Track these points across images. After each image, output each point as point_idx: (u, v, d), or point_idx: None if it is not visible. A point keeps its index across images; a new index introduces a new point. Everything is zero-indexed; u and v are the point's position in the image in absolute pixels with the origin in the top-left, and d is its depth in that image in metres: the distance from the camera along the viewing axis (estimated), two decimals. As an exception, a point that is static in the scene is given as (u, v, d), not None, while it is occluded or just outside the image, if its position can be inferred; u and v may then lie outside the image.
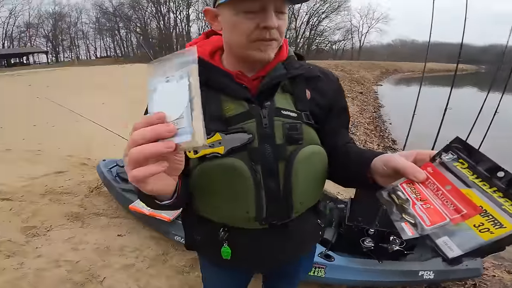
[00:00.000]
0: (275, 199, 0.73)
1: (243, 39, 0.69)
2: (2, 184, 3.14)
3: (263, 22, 0.66)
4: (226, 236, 0.78)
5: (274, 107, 0.72)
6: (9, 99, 8.23)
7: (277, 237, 0.80)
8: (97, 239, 2.31)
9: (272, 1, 0.66)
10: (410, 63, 38.52)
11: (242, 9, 0.67)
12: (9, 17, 41.90)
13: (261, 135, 0.70)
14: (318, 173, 0.77)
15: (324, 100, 0.79)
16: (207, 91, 0.70)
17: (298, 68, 0.77)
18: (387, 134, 6.70)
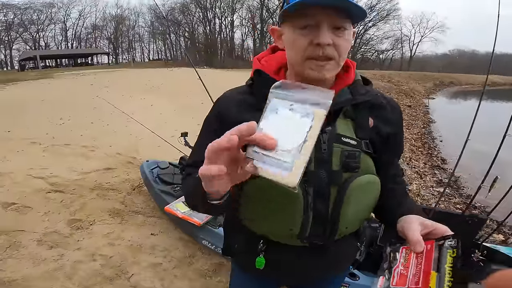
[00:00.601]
0: (322, 221, 0.74)
1: (299, 57, 0.70)
2: (57, 176, 3.49)
3: (316, 39, 0.66)
4: (265, 248, 0.80)
5: (335, 133, 0.72)
6: (73, 97, 9.10)
7: (314, 256, 0.81)
8: (132, 236, 2.45)
9: (326, 16, 0.65)
10: (468, 75, 35.71)
11: (298, 26, 0.68)
12: (78, 18, 45.92)
13: (318, 159, 0.71)
14: (369, 202, 0.77)
15: (386, 129, 0.78)
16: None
17: (364, 95, 0.75)
18: (436, 152, 6.24)
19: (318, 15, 0.65)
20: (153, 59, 52.28)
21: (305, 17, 0.66)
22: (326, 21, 0.66)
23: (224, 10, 43.72)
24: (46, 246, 2.27)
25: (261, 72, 0.78)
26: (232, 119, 0.74)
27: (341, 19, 0.66)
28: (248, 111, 0.75)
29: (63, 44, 45.28)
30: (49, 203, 2.89)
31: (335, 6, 0.64)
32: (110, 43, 48.75)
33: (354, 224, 0.79)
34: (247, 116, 0.72)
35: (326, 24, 0.66)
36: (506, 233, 3.00)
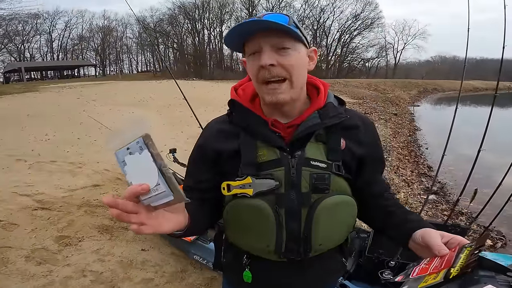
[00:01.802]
0: (295, 239, 0.78)
1: (255, 82, 0.76)
2: (43, 193, 3.42)
3: (258, 62, 0.71)
4: (249, 262, 0.84)
5: (304, 157, 0.76)
6: (59, 111, 8.95)
7: (297, 271, 0.84)
8: (122, 252, 2.43)
9: (268, 39, 0.70)
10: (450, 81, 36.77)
11: (248, 53, 0.74)
12: (64, 29, 45.20)
13: (287, 182, 0.75)
14: (342, 220, 0.81)
15: (360, 150, 0.81)
16: (245, 135, 0.79)
17: (333, 117, 0.78)
18: (422, 160, 6.38)
19: (259, 39, 0.70)
20: (142, 71, 52.05)
21: (251, 44, 0.72)
22: (268, 43, 0.70)
23: (213, 21, 44.10)
24: (35, 262, 2.23)
25: (235, 102, 0.83)
26: (211, 149, 0.81)
27: (282, 39, 0.71)
28: (227, 140, 0.81)
29: (49, 55, 44.66)
30: (36, 220, 2.83)
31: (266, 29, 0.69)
32: (97, 54, 48.27)
33: (329, 241, 0.83)
34: (225, 145, 0.80)
35: (267, 46, 0.70)
36: (494, 238, 3.07)
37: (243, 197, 0.75)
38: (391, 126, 9.56)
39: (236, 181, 0.75)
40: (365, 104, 14.16)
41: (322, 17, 45.03)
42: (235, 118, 0.82)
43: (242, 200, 0.76)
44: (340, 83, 22.86)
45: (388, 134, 8.27)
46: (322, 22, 45.06)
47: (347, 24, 45.23)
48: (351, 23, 45.20)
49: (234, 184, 0.76)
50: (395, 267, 1.62)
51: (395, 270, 1.62)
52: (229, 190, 0.76)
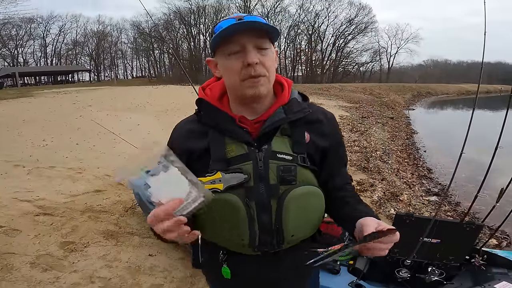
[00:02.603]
0: (267, 231, 0.81)
1: (236, 79, 0.78)
2: (45, 199, 3.37)
3: (245, 60, 0.75)
4: (226, 258, 0.86)
5: (271, 150, 0.80)
6: (56, 117, 8.86)
7: (270, 263, 0.87)
8: (129, 257, 2.39)
9: (250, 40, 0.75)
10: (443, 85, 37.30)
11: (228, 52, 0.77)
12: (58, 34, 44.90)
13: (256, 175, 0.79)
14: (311, 211, 0.84)
15: (323, 143, 0.85)
16: (214, 133, 0.82)
17: (297, 112, 0.83)
18: (421, 162, 6.41)
19: (242, 39, 0.75)
20: (137, 76, 51.86)
21: (232, 44, 0.76)
22: (251, 43, 0.75)
23: (208, 27, 44.14)
24: (40, 269, 2.19)
25: (202, 101, 0.86)
26: (182, 150, 0.82)
27: (262, 40, 0.77)
28: (196, 139, 0.84)
29: (42, 60, 44.37)
30: (38, 226, 2.78)
31: (254, 29, 0.75)
32: (91, 59, 48.01)
33: (300, 232, 0.85)
34: (195, 144, 0.83)
35: (251, 45, 0.75)
36: (499, 237, 3.11)
37: (214, 192, 0.76)
38: (388, 130, 9.62)
39: (206, 177, 0.78)
40: (362, 108, 14.25)
41: (316, 22, 45.48)
42: (203, 117, 0.85)
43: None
44: (335, 87, 23.02)
45: (386, 138, 8.32)
46: (317, 27, 45.50)
47: (341, 28, 45.80)
48: (345, 28, 45.78)
49: (204, 180, 0.77)
50: (411, 266, 1.62)
51: (411, 268, 1.61)
52: None
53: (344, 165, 0.95)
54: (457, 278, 1.65)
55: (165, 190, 0.58)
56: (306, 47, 46.56)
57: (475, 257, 1.61)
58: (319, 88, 21.54)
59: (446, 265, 1.60)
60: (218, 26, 0.77)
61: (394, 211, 3.65)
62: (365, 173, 5.03)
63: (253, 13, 31.65)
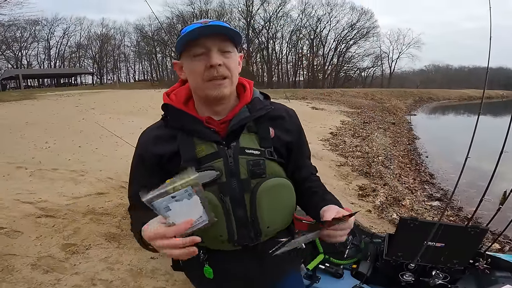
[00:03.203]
0: (243, 224, 0.85)
1: (199, 80, 0.82)
2: (47, 201, 3.37)
3: (209, 61, 0.79)
4: (206, 257, 0.89)
5: (239, 147, 0.84)
6: (58, 119, 8.89)
7: (251, 258, 0.90)
8: (131, 260, 2.38)
9: (214, 43, 0.79)
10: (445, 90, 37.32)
11: (193, 54, 0.81)
12: (62, 36, 45.26)
13: (227, 171, 0.83)
14: (282, 202, 0.89)
15: (287, 137, 0.91)
16: (182, 135, 0.85)
17: (260, 109, 0.88)
18: (423, 168, 6.44)
19: (207, 42, 0.79)
20: (139, 80, 52.04)
21: (197, 46, 0.80)
22: (215, 47, 0.80)
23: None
24: (41, 270, 2.18)
25: (168, 106, 0.89)
26: (150, 155, 0.87)
27: (225, 44, 0.81)
28: (165, 143, 0.87)
29: (46, 63, 44.59)
30: (40, 228, 2.78)
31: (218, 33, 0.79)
32: (94, 62, 48.31)
33: (275, 223, 0.89)
34: (164, 148, 0.86)
35: (215, 48, 0.80)
36: (501, 241, 3.11)
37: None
38: (390, 135, 9.62)
39: None
40: (363, 113, 14.27)
41: (318, 26, 45.93)
42: (170, 121, 0.88)
43: None
44: (337, 92, 23.06)
45: (388, 143, 8.31)
46: (319, 31, 45.81)
47: (343, 33, 46.15)
48: (347, 33, 46.11)
49: None
50: (415, 270, 1.61)
51: (415, 272, 1.61)
52: None
53: (308, 158, 1.02)
54: (461, 281, 1.65)
55: (183, 214, 0.64)
56: (308, 52, 46.85)
57: (479, 261, 1.60)
58: (321, 93, 21.60)
59: (450, 268, 1.59)
60: (184, 30, 0.80)
61: (396, 216, 3.64)
62: (367, 178, 5.02)
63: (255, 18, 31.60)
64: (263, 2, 43.06)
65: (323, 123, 9.91)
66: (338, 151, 6.70)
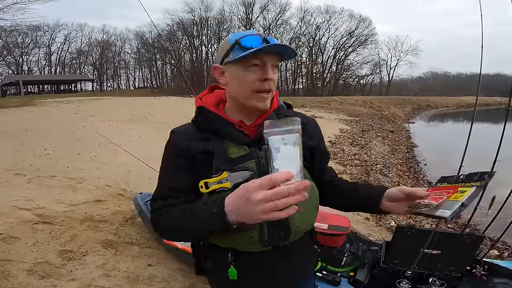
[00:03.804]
0: (274, 224, 0.84)
1: (247, 90, 0.85)
2: (44, 208, 3.37)
3: (264, 75, 0.83)
4: (233, 258, 0.88)
5: None
6: (58, 126, 8.89)
7: (279, 258, 0.90)
8: (128, 267, 2.37)
9: (270, 57, 0.83)
10: (443, 98, 37.47)
11: (247, 65, 0.83)
12: (63, 42, 45.03)
13: (260, 172, 0.84)
14: (311, 202, 0.91)
15: (311, 143, 0.96)
16: (215, 138, 0.88)
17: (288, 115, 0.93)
18: (422, 175, 6.40)
19: (264, 56, 0.83)
20: (139, 87, 52.10)
21: (255, 59, 0.82)
22: (271, 61, 0.84)
23: (211, 38, 44.78)
24: (37, 276, 2.18)
25: (202, 108, 0.92)
26: (187, 150, 0.87)
27: (277, 60, 0.86)
28: (199, 143, 0.88)
29: (47, 69, 44.48)
30: (37, 234, 2.78)
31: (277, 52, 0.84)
32: (95, 69, 48.16)
33: (304, 223, 0.91)
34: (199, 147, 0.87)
35: (270, 64, 0.84)
36: (500, 248, 3.10)
37: (222, 192, 0.81)
38: (388, 143, 9.63)
39: (213, 177, 0.82)
40: (362, 121, 14.31)
41: (317, 34, 46.02)
42: (202, 123, 0.90)
43: (221, 194, 0.81)
44: (336, 100, 23.16)
45: (387, 151, 8.32)
46: (318, 39, 46.01)
47: (342, 41, 46.18)
48: (345, 40, 46.17)
49: (211, 181, 0.82)
50: (412, 277, 1.61)
51: (412, 280, 1.61)
52: (207, 187, 0.82)
53: (328, 161, 1.08)
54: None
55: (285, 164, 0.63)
56: (307, 60, 47.13)
57: (476, 268, 1.60)
58: (320, 101, 21.69)
59: (447, 275, 1.59)
60: (245, 40, 0.82)
61: (394, 223, 3.63)
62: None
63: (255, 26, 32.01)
64: (263, 10, 43.53)
65: (322, 131, 9.76)
66: (336, 159, 6.71)
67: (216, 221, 0.72)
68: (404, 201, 0.86)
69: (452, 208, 0.71)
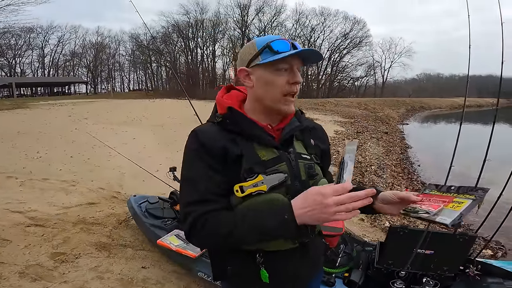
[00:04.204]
0: None
1: (277, 93, 0.86)
2: (37, 210, 3.33)
3: (294, 78, 0.86)
4: (262, 260, 0.88)
5: (296, 152, 0.92)
6: (51, 129, 8.81)
7: (302, 255, 0.93)
8: (122, 269, 2.35)
9: (297, 61, 0.86)
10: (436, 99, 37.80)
11: (275, 68, 0.85)
12: (57, 44, 44.12)
13: (292, 174, 0.87)
14: None
15: (323, 146, 1.03)
16: (242, 140, 0.87)
17: (306, 121, 0.99)
18: (415, 176, 6.47)
19: (292, 60, 0.85)
20: (134, 89, 51.70)
21: (284, 62, 0.84)
22: (297, 66, 0.87)
23: (206, 40, 44.60)
24: (29, 279, 2.15)
25: (232, 109, 0.90)
26: (218, 149, 0.84)
27: (302, 63, 0.89)
28: (228, 143, 0.86)
29: (40, 71, 43.81)
30: (29, 237, 2.74)
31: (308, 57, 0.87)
32: (89, 71, 47.48)
33: None
34: (229, 146, 0.85)
35: (296, 67, 0.86)
36: (494, 247, 3.13)
37: (258, 195, 0.81)
38: (383, 145, 9.69)
39: (248, 181, 0.81)
40: (357, 123, 14.39)
41: (312, 36, 46.21)
42: (230, 124, 0.89)
43: (257, 197, 0.81)
44: (331, 102, 23.27)
45: (381, 152, 8.37)
46: (313, 41, 46.19)
47: (336, 43, 46.36)
48: (340, 42, 46.34)
49: (246, 185, 0.81)
50: (406, 277, 1.62)
51: (406, 280, 1.61)
52: (242, 191, 0.81)
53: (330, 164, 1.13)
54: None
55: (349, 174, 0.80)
56: (302, 62, 47.21)
57: (469, 267, 1.61)
58: (315, 103, 21.79)
59: (440, 275, 1.60)
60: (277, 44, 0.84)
61: (388, 224, 3.65)
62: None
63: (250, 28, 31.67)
64: (258, 12, 43.54)
65: (317, 132, 9.91)
66: (331, 161, 6.73)
67: (289, 227, 0.75)
68: (398, 204, 0.88)
69: (451, 216, 0.75)
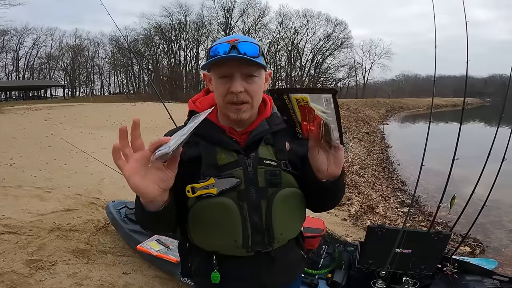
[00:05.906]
0: (258, 230, 0.87)
1: (220, 101, 0.85)
2: (10, 218, 3.19)
3: (231, 88, 0.81)
4: (217, 262, 0.89)
5: (258, 157, 0.87)
6: (25, 134, 8.49)
7: (262, 264, 0.91)
8: (102, 275, 2.29)
9: (238, 67, 0.80)
10: (414, 99, 38.90)
11: (218, 75, 0.83)
12: (32, 47, 42.58)
13: (247, 179, 0.85)
14: (294, 210, 0.92)
15: (302, 151, 0.90)
16: (204, 142, 0.87)
17: (279, 124, 0.91)
18: (395, 175, 6.63)
19: (232, 66, 0.80)
20: (114, 93, 50.40)
21: (222, 68, 0.81)
22: (239, 72, 0.81)
23: (189, 42, 44.17)
24: (5, 286, 2.08)
25: (194, 112, 0.91)
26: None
27: (251, 68, 0.82)
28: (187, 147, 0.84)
29: (14, 74, 42.17)
30: (2, 244, 2.64)
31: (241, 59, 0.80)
32: (66, 74, 45.78)
33: (288, 231, 0.93)
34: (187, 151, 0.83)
35: (238, 74, 0.81)
36: (472, 245, 3.22)
37: (208, 197, 0.82)
38: (364, 145, 9.88)
39: (200, 183, 0.82)
40: (339, 123, 14.60)
41: (296, 38, 46.76)
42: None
43: (207, 200, 0.83)
44: (313, 103, 23.48)
45: (363, 153, 8.53)
46: (296, 43, 46.70)
47: (319, 44, 47.19)
48: (323, 44, 47.19)
49: (198, 186, 0.82)
50: (387, 277, 1.64)
51: (386, 279, 1.63)
52: (193, 192, 0.83)
53: None
54: (432, 287, 1.69)
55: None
56: (286, 64, 47.69)
57: (446, 266, 1.65)
58: (298, 105, 21.92)
59: (419, 274, 1.63)
60: (214, 49, 0.81)
61: (370, 223, 3.72)
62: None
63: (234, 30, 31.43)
64: (242, 14, 43.59)
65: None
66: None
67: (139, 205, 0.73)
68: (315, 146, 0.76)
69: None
